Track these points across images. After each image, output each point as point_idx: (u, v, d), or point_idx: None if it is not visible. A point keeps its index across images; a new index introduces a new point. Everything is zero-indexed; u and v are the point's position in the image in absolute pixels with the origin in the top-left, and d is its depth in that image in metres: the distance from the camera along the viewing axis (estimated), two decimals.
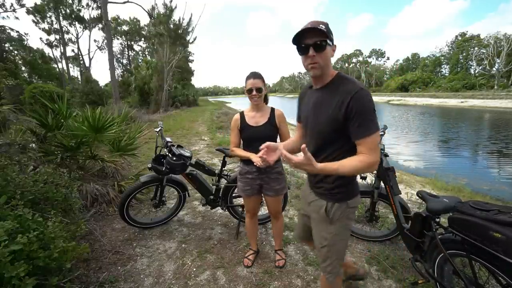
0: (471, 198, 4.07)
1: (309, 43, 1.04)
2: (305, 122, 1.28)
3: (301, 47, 1.05)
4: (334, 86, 1.12)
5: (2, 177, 1.84)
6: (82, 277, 1.95)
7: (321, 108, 1.14)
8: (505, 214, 1.28)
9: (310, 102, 1.21)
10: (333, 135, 1.13)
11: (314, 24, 1.03)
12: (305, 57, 1.07)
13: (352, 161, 1.04)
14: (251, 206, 2.13)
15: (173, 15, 18.25)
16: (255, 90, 1.80)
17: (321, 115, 1.14)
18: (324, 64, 1.09)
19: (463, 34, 54.16)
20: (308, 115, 1.23)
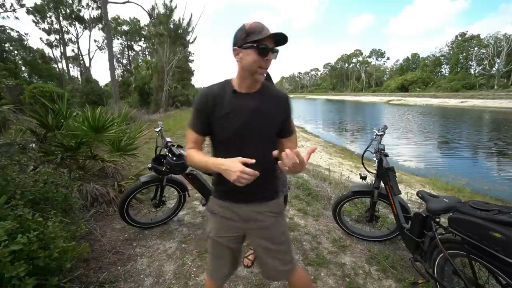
0: (471, 198, 4.07)
1: (272, 47, 1.04)
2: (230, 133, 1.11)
3: (262, 48, 1.01)
4: (266, 91, 1.16)
5: (2, 177, 1.84)
6: (82, 277, 1.95)
7: (266, 113, 1.13)
8: (505, 214, 1.28)
9: (244, 109, 1.11)
10: (274, 137, 1.20)
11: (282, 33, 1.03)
12: (261, 59, 1.03)
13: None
14: None
15: (173, 15, 18.24)
16: None
17: (267, 120, 1.14)
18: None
19: (463, 34, 54.23)
20: (246, 121, 1.11)
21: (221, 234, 1.25)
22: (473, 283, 1.51)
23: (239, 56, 1.06)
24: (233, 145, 1.12)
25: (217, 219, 1.27)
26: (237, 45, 1.05)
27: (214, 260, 1.31)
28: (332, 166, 6.21)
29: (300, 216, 3.07)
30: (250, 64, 1.04)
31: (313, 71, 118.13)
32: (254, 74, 1.06)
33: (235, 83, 1.13)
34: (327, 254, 2.36)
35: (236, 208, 1.21)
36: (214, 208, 1.27)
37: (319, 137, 13.11)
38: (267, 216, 1.22)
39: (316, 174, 4.88)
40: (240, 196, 1.18)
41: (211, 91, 1.14)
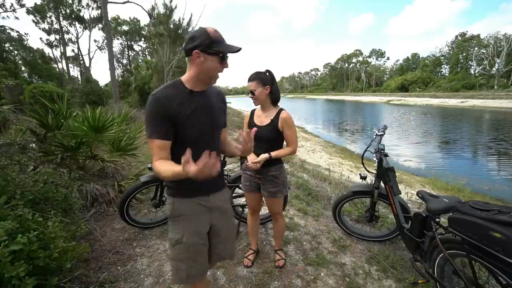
0: (471, 198, 4.08)
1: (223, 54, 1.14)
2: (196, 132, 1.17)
3: (225, 57, 1.14)
4: (209, 89, 1.25)
5: (2, 177, 1.84)
6: (82, 277, 1.95)
7: (218, 109, 1.27)
8: (505, 214, 1.28)
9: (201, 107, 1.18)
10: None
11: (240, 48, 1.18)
12: (222, 65, 1.15)
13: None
14: (251, 202, 2.15)
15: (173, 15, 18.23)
16: (250, 92, 1.85)
17: (220, 114, 1.29)
18: None
19: (463, 34, 54.24)
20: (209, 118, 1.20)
21: (195, 233, 1.26)
22: (473, 283, 1.51)
23: (200, 59, 1.10)
24: (200, 143, 1.16)
25: (187, 220, 1.25)
26: (200, 48, 1.08)
27: (191, 264, 1.27)
28: (332, 166, 6.21)
29: (300, 216, 3.07)
30: (212, 70, 1.13)
31: (313, 71, 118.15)
32: (212, 78, 1.17)
33: (188, 83, 1.17)
34: (327, 254, 2.36)
35: (204, 200, 1.28)
36: (182, 210, 1.25)
37: (319, 137, 13.11)
38: (226, 202, 1.39)
39: (316, 174, 4.88)
40: (206, 188, 1.27)
41: (166, 94, 1.12)
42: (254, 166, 1.78)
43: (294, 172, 4.97)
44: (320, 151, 9.08)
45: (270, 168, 1.93)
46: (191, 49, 1.09)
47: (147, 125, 1.13)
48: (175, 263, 1.27)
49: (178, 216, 1.25)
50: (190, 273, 1.27)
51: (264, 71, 1.86)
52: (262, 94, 1.83)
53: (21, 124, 3.91)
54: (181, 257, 1.25)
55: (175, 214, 1.25)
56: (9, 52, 32.88)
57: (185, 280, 1.28)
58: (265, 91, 1.84)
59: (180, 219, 1.25)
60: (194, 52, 1.09)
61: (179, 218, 1.25)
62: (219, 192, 1.34)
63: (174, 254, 1.26)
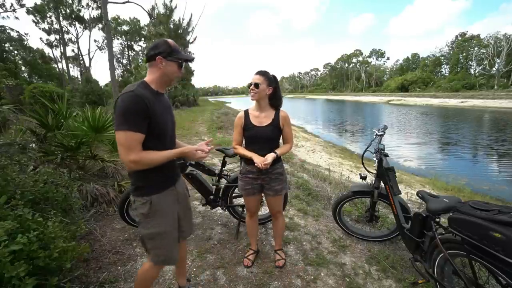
0: (471, 198, 4.08)
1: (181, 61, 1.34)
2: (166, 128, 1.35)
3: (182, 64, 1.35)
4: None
5: (2, 177, 1.84)
6: (82, 277, 1.95)
7: (171, 110, 1.44)
8: (505, 214, 1.28)
9: (164, 107, 1.35)
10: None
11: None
12: (179, 71, 1.35)
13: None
14: (251, 205, 2.13)
15: (173, 15, 18.24)
16: (253, 84, 1.82)
17: (172, 115, 1.45)
18: None
19: (463, 34, 54.21)
20: (167, 120, 1.36)
21: (172, 222, 1.43)
22: (473, 283, 1.51)
23: (163, 64, 1.28)
24: (165, 137, 1.35)
25: (164, 213, 1.38)
26: (162, 55, 1.26)
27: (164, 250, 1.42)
28: (332, 166, 6.21)
29: (300, 216, 3.07)
30: (172, 73, 1.32)
31: (313, 71, 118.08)
32: (171, 81, 1.36)
33: (153, 85, 1.30)
34: (327, 254, 2.36)
35: (173, 189, 1.44)
36: (160, 206, 1.35)
37: (319, 137, 13.11)
38: (183, 186, 1.59)
39: (316, 174, 4.88)
40: (176, 176, 1.49)
41: (142, 93, 1.21)
42: (265, 167, 1.78)
43: (294, 172, 4.96)
44: (320, 151, 9.07)
45: (275, 166, 1.95)
46: (155, 55, 1.26)
47: (126, 120, 1.17)
48: (155, 251, 1.41)
49: (157, 211, 1.35)
50: (169, 256, 1.45)
51: (272, 74, 1.89)
52: (264, 92, 1.84)
53: (21, 124, 3.92)
54: (162, 245, 1.40)
55: (153, 210, 1.33)
56: (9, 52, 32.87)
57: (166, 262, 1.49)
58: (267, 90, 1.84)
59: (160, 213, 1.36)
60: (157, 58, 1.26)
61: (158, 212, 1.35)
62: (180, 179, 1.54)
63: (155, 244, 1.39)
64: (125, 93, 1.21)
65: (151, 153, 1.24)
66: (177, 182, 1.49)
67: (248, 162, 1.94)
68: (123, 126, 1.16)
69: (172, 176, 1.46)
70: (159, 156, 1.26)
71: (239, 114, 1.98)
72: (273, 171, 1.95)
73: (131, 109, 1.17)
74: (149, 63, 1.30)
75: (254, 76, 1.84)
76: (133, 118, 1.17)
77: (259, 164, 1.76)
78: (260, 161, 1.78)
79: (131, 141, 1.18)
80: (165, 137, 1.35)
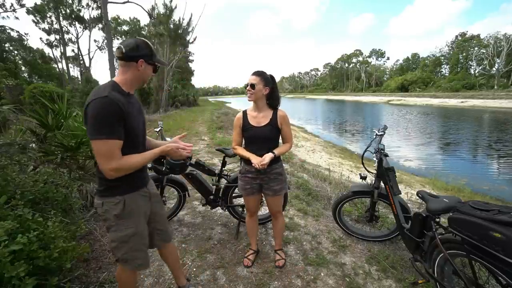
0: (471, 198, 4.08)
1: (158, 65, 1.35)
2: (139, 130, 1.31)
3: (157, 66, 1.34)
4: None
5: (2, 177, 1.84)
6: (82, 277, 1.95)
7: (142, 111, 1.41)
8: (505, 214, 1.28)
9: (136, 109, 1.31)
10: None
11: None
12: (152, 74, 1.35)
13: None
14: (251, 205, 2.13)
15: (173, 15, 18.24)
16: (249, 85, 1.83)
17: (143, 116, 1.42)
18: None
19: (463, 34, 54.20)
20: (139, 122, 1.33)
21: (144, 222, 1.41)
22: (473, 283, 1.51)
23: (142, 67, 1.26)
24: (138, 140, 1.32)
25: (137, 213, 1.35)
26: (145, 58, 1.25)
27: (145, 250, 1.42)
28: (332, 166, 6.21)
29: (300, 216, 3.07)
30: (148, 76, 1.32)
31: (313, 71, 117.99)
32: (145, 83, 1.36)
33: (124, 86, 1.25)
34: (327, 254, 2.36)
35: (146, 190, 1.43)
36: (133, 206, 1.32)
37: (319, 137, 13.11)
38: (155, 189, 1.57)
39: (316, 174, 4.88)
40: (146, 177, 1.46)
41: (115, 96, 1.16)
42: (262, 167, 1.78)
43: (294, 172, 4.97)
44: (320, 151, 9.08)
45: (274, 166, 1.94)
46: (136, 57, 1.22)
47: (103, 127, 1.10)
48: (131, 254, 1.36)
49: (129, 212, 1.31)
50: (146, 260, 1.43)
51: (269, 75, 1.89)
52: (261, 92, 1.84)
53: (21, 124, 3.91)
54: (138, 247, 1.37)
55: (127, 211, 1.30)
56: (9, 52, 32.85)
57: (143, 266, 1.44)
58: (264, 90, 1.84)
59: (132, 214, 1.32)
60: (139, 61, 1.23)
61: (130, 213, 1.31)
62: (150, 180, 1.52)
63: (130, 246, 1.34)
64: (97, 98, 1.12)
65: (130, 157, 1.20)
66: (148, 183, 1.47)
67: (247, 162, 1.94)
68: (102, 135, 1.10)
69: (144, 177, 1.43)
70: (139, 159, 1.24)
71: (238, 115, 1.99)
72: (271, 171, 1.95)
73: (107, 116, 1.10)
74: (124, 63, 1.22)
75: (250, 76, 1.84)
76: (110, 125, 1.11)
77: (256, 165, 1.77)
78: (257, 161, 1.78)
79: (112, 149, 1.12)
80: (138, 139, 1.32)
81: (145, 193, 1.42)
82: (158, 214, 1.53)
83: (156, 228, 1.53)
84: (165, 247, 1.66)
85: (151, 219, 1.49)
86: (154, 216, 1.50)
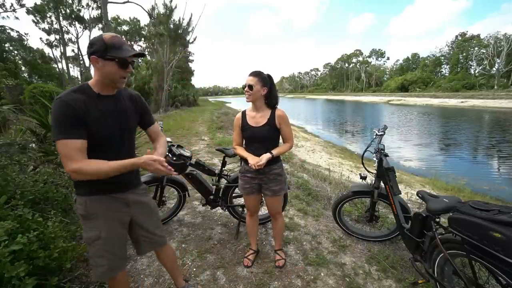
0: (471, 198, 4.08)
1: (133, 60, 1.22)
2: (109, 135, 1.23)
3: (125, 61, 1.17)
4: (122, 92, 1.32)
5: (2, 177, 1.84)
6: (82, 277, 1.95)
7: (130, 111, 1.32)
8: (505, 214, 1.28)
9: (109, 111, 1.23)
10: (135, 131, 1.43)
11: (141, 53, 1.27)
12: (123, 70, 1.19)
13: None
14: (251, 205, 2.13)
15: (173, 15, 18.24)
16: (247, 86, 1.82)
17: (128, 120, 1.32)
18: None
19: (463, 34, 54.18)
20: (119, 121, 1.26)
21: (112, 227, 1.31)
22: (473, 283, 1.51)
23: (99, 64, 1.15)
24: (108, 145, 1.23)
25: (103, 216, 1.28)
26: (97, 54, 1.14)
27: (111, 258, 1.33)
28: (332, 166, 6.21)
29: (300, 216, 3.07)
30: (112, 74, 1.18)
31: (313, 71, 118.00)
32: (116, 82, 1.22)
33: (95, 87, 1.21)
34: (327, 254, 2.36)
35: (123, 196, 1.34)
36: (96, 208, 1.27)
37: (319, 137, 13.11)
38: (144, 196, 1.48)
39: (316, 174, 4.88)
40: (126, 184, 1.36)
41: (73, 97, 1.13)
42: (258, 167, 1.77)
43: (294, 172, 4.96)
44: (320, 151, 9.08)
45: (272, 166, 1.94)
46: (89, 54, 1.15)
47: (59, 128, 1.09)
48: (95, 260, 1.31)
49: (93, 214, 1.27)
50: (110, 266, 1.33)
51: (266, 74, 1.88)
52: (259, 93, 1.84)
53: (21, 124, 3.91)
54: (100, 253, 1.30)
55: (90, 212, 1.26)
56: (9, 52, 32.85)
57: (107, 273, 1.34)
58: (262, 90, 1.84)
59: (95, 217, 1.27)
60: (91, 57, 1.14)
61: (94, 215, 1.27)
62: (135, 188, 1.43)
63: (94, 251, 1.29)
64: (55, 100, 1.12)
65: (96, 163, 1.13)
66: (128, 191, 1.37)
67: (247, 162, 1.95)
68: (59, 135, 1.09)
69: (118, 183, 1.30)
70: (105, 167, 1.13)
71: (237, 115, 2.00)
72: (270, 172, 1.95)
73: (60, 117, 1.10)
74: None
75: (247, 77, 1.84)
76: (64, 126, 1.09)
77: (252, 165, 1.76)
78: (253, 162, 1.78)
79: (69, 150, 1.09)
80: (109, 145, 1.24)
81: (120, 199, 1.33)
82: (142, 221, 1.45)
83: (142, 235, 1.47)
84: (160, 250, 1.63)
85: (135, 227, 1.43)
86: (138, 223, 1.43)
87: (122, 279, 1.45)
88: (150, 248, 1.56)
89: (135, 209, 1.40)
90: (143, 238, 1.48)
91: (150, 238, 1.50)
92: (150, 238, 1.50)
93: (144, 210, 1.46)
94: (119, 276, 1.41)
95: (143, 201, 1.46)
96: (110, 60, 1.15)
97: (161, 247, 1.60)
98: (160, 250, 1.62)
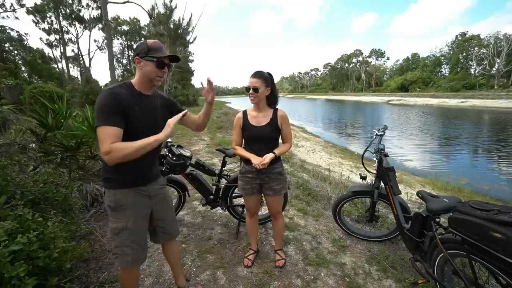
0: (471, 198, 4.07)
1: (167, 63, 1.36)
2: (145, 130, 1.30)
3: (163, 63, 1.32)
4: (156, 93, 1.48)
5: (2, 177, 1.84)
6: (82, 277, 1.95)
7: (161, 109, 1.47)
8: (505, 214, 1.28)
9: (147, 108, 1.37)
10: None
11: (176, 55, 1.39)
12: (161, 71, 1.34)
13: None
14: (251, 205, 2.13)
15: (173, 15, 18.23)
16: (252, 89, 1.81)
17: (160, 118, 1.42)
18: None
19: (463, 34, 54.13)
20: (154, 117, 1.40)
21: (138, 219, 1.42)
22: (473, 283, 1.51)
23: (141, 64, 1.31)
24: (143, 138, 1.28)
25: (130, 208, 1.38)
26: (139, 56, 1.30)
27: (136, 248, 1.42)
28: (332, 166, 6.21)
29: (300, 216, 3.07)
30: (150, 73, 1.32)
31: (313, 71, 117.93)
32: (152, 81, 1.35)
33: (136, 85, 1.35)
34: (327, 254, 2.36)
35: (145, 189, 1.44)
36: (124, 200, 1.37)
37: (319, 137, 13.11)
38: (163, 189, 1.59)
39: (316, 174, 4.88)
40: (147, 178, 1.46)
41: (120, 91, 1.27)
42: (262, 167, 1.78)
43: (294, 172, 4.96)
44: (320, 151, 9.08)
45: (274, 166, 1.94)
46: (134, 56, 1.32)
47: (101, 116, 1.20)
48: (121, 249, 1.40)
49: (121, 206, 1.37)
50: (135, 257, 1.43)
51: (267, 72, 1.88)
52: (263, 94, 1.84)
53: (21, 124, 3.91)
54: (127, 243, 1.40)
55: (118, 204, 1.36)
56: (9, 52, 32.82)
57: (131, 263, 1.44)
58: (266, 91, 1.85)
59: (123, 208, 1.37)
60: (135, 58, 1.31)
61: (122, 207, 1.37)
62: (155, 181, 1.52)
63: (120, 241, 1.39)
64: (102, 92, 1.26)
65: (123, 143, 1.21)
66: (149, 184, 1.47)
67: (247, 162, 1.94)
68: (99, 122, 1.20)
69: (142, 176, 1.43)
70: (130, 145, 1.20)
71: (238, 115, 1.99)
72: (272, 171, 1.95)
73: (105, 105, 1.21)
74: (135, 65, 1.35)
75: (251, 79, 1.82)
76: (106, 114, 1.21)
77: (256, 165, 1.76)
78: (257, 161, 1.78)
79: (106, 135, 1.19)
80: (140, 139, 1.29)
81: (143, 192, 1.44)
82: (161, 213, 1.56)
83: (160, 226, 1.59)
84: (167, 244, 1.71)
85: (154, 218, 1.54)
86: (156, 215, 1.54)
87: (136, 273, 1.57)
88: (165, 239, 1.66)
89: (155, 201, 1.51)
90: (160, 229, 1.60)
91: (167, 230, 1.62)
92: (167, 229, 1.62)
93: (162, 202, 1.57)
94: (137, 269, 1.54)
95: (162, 193, 1.58)
96: (149, 61, 1.30)
97: (170, 240, 1.69)
98: (168, 244, 1.70)
